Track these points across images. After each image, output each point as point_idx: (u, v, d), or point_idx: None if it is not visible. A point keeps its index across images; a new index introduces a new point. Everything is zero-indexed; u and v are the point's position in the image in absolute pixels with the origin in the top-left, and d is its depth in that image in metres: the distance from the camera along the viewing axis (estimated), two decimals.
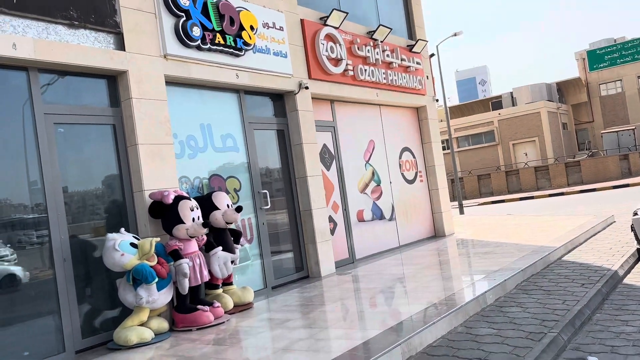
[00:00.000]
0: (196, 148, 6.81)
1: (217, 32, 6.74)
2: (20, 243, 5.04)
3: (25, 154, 5.11)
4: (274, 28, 7.77)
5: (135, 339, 5.04)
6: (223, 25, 6.78)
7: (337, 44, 8.89)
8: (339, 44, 8.93)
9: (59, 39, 5.32)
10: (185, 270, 5.42)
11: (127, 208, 5.86)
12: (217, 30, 6.73)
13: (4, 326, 4.77)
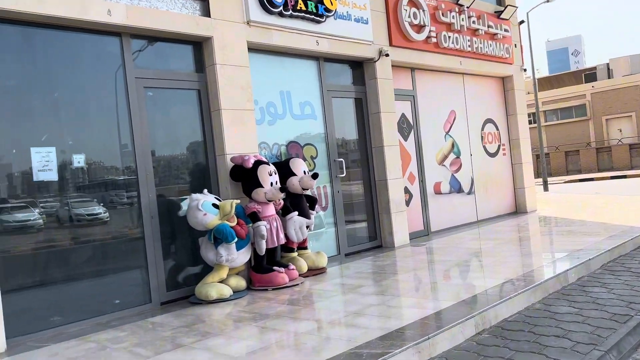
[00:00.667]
0: (275, 115, 6.92)
1: None
2: (112, 203, 5.40)
3: (117, 117, 5.43)
4: None
5: (215, 295, 5.31)
6: None
7: (420, 10, 8.63)
8: (422, 10, 8.67)
9: (149, 5, 5.55)
10: (263, 232, 5.59)
11: (210, 171, 6.10)
12: None
13: (99, 277, 5.18)
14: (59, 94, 5.05)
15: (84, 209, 5.19)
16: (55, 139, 5.00)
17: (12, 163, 4.77)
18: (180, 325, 4.62)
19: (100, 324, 4.95)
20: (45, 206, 4.93)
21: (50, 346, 4.35)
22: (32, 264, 4.81)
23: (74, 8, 4.91)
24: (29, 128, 4.85)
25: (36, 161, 4.86)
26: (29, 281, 4.77)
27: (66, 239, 5.04)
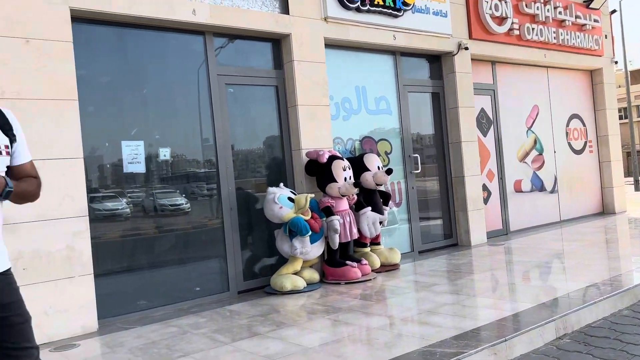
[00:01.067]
0: (350, 110, 6.95)
1: None
2: (193, 194, 5.65)
3: (200, 113, 5.66)
4: None
5: (289, 286, 5.43)
6: None
7: (502, 2, 8.33)
8: (504, 2, 8.36)
9: (231, 4, 5.73)
10: (336, 226, 5.65)
11: (286, 165, 6.23)
12: None
13: (181, 264, 5.45)
14: (147, 91, 5.35)
15: (167, 200, 5.47)
16: (144, 133, 5.30)
17: (105, 155, 5.11)
18: (256, 314, 4.77)
19: (181, 309, 5.21)
20: (132, 196, 5.25)
21: (137, 328, 4.63)
22: (120, 250, 5.14)
23: (162, 8, 5.17)
24: (120, 123, 5.18)
25: (126, 154, 5.18)
26: (117, 266, 5.10)
27: (151, 227, 5.34)
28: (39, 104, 4.45)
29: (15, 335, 1.98)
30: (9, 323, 1.97)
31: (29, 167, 2.18)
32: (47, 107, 4.49)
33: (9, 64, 4.33)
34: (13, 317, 1.98)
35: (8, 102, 4.26)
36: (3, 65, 4.31)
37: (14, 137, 2.08)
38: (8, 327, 1.97)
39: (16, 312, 2.00)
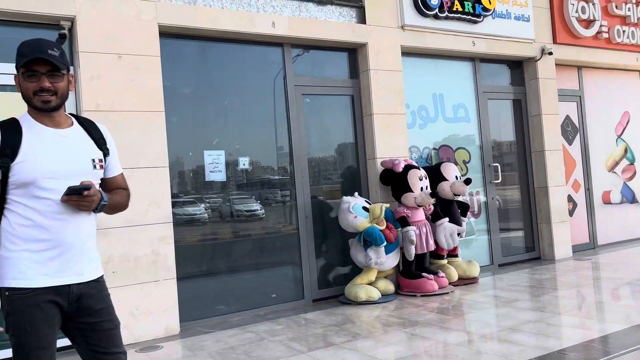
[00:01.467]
0: (427, 118, 6.83)
1: None
2: (267, 200, 5.76)
3: (275, 122, 5.77)
4: None
5: (363, 296, 5.40)
6: None
7: (589, 4, 7.91)
8: (592, 3, 7.93)
9: (309, 16, 5.82)
10: (412, 237, 5.56)
11: (361, 174, 6.22)
12: None
13: (257, 270, 5.56)
14: (228, 102, 5.53)
15: (243, 206, 5.61)
16: (225, 143, 5.47)
17: (188, 164, 5.33)
18: (330, 324, 4.78)
19: (258, 315, 5.32)
20: (210, 202, 5.43)
21: (216, 333, 4.77)
22: (199, 255, 5.32)
23: (243, 22, 5.33)
24: (203, 133, 5.38)
25: (208, 163, 5.37)
26: (197, 270, 5.28)
27: (227, 232, 5.50)
28: (130, 115, 4.71)
29: (106, 340, 2.09)
30: (100, 328, 2.08)
31: (120, 179, 2.30)
32: (137, 118, 4.75)
33: (103, 78, 4.62)
34: (104, 323, 2.09)
35: (101, 114, 4.55)
36: (98, 79, 4.60)
37: (107, 151, 2.21)
38: (99, 332, 2.08)
39: (107, 318, 2.11)
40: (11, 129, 1.96)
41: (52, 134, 2.04)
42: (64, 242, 1.99)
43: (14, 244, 1.94)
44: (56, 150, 2.01)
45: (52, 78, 2.00)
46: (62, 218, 1.98)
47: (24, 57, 1.95)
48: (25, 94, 2.00)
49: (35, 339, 1.91)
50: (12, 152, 1.91)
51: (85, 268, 2.07)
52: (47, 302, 1.95)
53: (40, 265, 1.95)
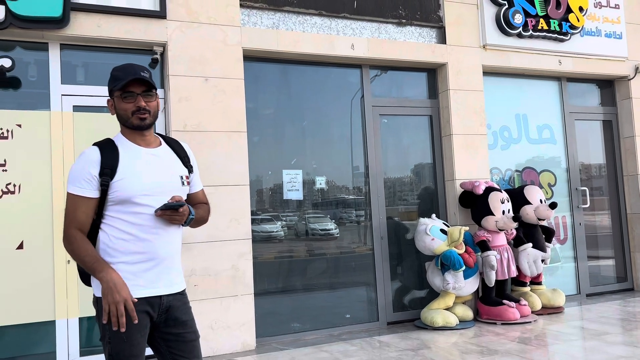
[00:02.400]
0: (509, 139, 6.61)
1: (541, 17, 6.37)
2: (341, 219, 5.77)
3: (351, 142, 5.80)
4: (607, 7, 6.93)
5: (440, 322, 5.25)
6: (548, 9, 6.38)
7: None
8: None
9: (388, 37, 5.84)
10: (493, 262, 5.36)
11: (438, 195, 6.10)
12: (541, 15, 6.37)
13: (331, 289, 5.57)
14: (307, 122, 5.63)
15: (318, 224, 5.66)
16: (302, 162, 5.57)
17: (267, 182, 5.46)
18: (406, 348, 4.68)
19: (332, 335, 5.31)
20: (286, 220, 5.52)
21: (290, 350, 4.81)
22: (275, 272, 5.41)
23: (323, 45, 5.44)
24: (282, 152, 5.51)
25: (286, 182, 5.48)
26: (272, 287, 5.37)
27: (302, 250, 5.55)
28: (214, 135, 4.91)
29: (188, 351, 2.17)
30: (184, 339, 2.17)
31: (201, 194, 2.41)
32: (221, 138, 4.94)
33: (190, 100, 4.86)
34: (187, 334, 2.18)
35: (188, 134, 4.78)
36: (186, 101, 4.85)
37: (192, 168, 2.33)
38: (182, 343, 2.17)
39: (190, 330, 2.20)
40: (109, 149, 2.11)
41: (145, 152, 2.17)
42: (157, 255, 2.10)
43: (111, 257, 2.07)
44: (150, 168, 2.14)
45: (146, 98, 2.15)
46: (156, 232, 2.10)
47: (121, 81, 2.10)
48: (124, 114, 2.14)
49: (129, 347, 2.02)
50: (111, 171, 2.05)
51: (174, 280, 2.18)
52: (141, 312, 2.06)
53: (136, 277, 2.07)
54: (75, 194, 2.05)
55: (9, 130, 4.43)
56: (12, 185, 4.40)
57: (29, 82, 4.60)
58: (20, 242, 4.38)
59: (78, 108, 4.67)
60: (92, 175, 2.04)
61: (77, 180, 2.05)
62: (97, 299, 2.08)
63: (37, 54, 4.62)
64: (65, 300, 4.46)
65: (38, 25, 4.38)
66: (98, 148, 2.10)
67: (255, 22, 5.30)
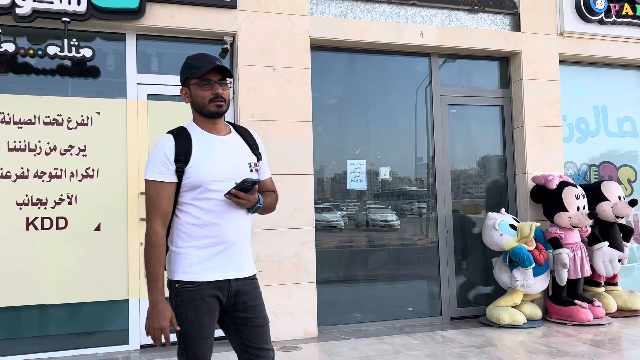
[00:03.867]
0: (586, 132, 6.28)
1: (625, 1, 5.97)
2: (402, 211, 5.68)
3: (415, 132, 5.69)
4: None
5: (507, 319, 5.09)
6: None
7: None
8: None
9: (459, 25, 5.67)
10: (565, 260, 5.12)
11: (508, 189, 5.89)
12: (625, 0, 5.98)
13: (393, 281, 5.52)
14: (372, 112, 5.58)
15: (378, 215, 5.60)
16: (367, 152, 5.53)
17: (330, 171, 5.47)
18: (470, 345, 4.57)
19: (393, 327, 5.26)
20: (347, 210, 5.50)
21: (352, 340, 4.81)
22: (336, 261, 5.41)
23: (392, 33, 5.35)
24: (346, 142, 5.48)
25: (350, 172, 5.46)
26: (333, 276, 5.38)
27: (363, 241, 5.53)
28: (281, 125, 4.96)
29: (257, 336, 2.20)
30: (252, 324, 2.20)
31: (269, 182, 2.43)
32: (287, 127, 4.98)
33: (258, 89, 4.92)
34: (256, 319, 2.21)
35: (256, 123, 4.84)
36: (254, 90, 4.91)
37: (260, 156, 2.35)
38: (251, 328, 2.20)
39: (259, 315, 2.23)
40: (183, 137, 2.16)
41: (216, 140, 2.21)
42: (227, 239, 2.14)
43: (184, 241, 2.13)
44: (221, 156, 2.18)
45: (222, 86, 2.19)
46: (225, 217, 2.14)
47: (199, 69, 2.14)
48: (201, 102, 2.18)
49: (198, 329, 2.08)
50: (185, 158, 2.10)
51: (243, 264, 2.22)
52: (210, 296, 2.11)
53: (206, 260, 2.12)
54: (157, 180, 2.10)
55: (89, 117, 4.66)
56: (91, 170, 4.63)
57: (107, 71, 4.82)
58: (98, 224, 4.62)
59: (152, 97, 4.84)
60: (170, 160, 2.10)
61: (156, 167, 2.10)
62: (170, 282, 2.14)
63: (115, 44, 4.82)
64: (138, 280, 4.67)
65: (116, 17, 4.56)
66: (172, 136, 2.16)
67: (323, 10, 5.28)
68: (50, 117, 4.57)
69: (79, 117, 4.64)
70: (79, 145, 4.62)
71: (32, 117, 4.52)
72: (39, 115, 4.54)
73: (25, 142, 4.49)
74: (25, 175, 4.48)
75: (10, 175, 4.45)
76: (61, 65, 4.65)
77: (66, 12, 4.41)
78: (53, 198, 4.53)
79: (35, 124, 4.53)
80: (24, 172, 4.48)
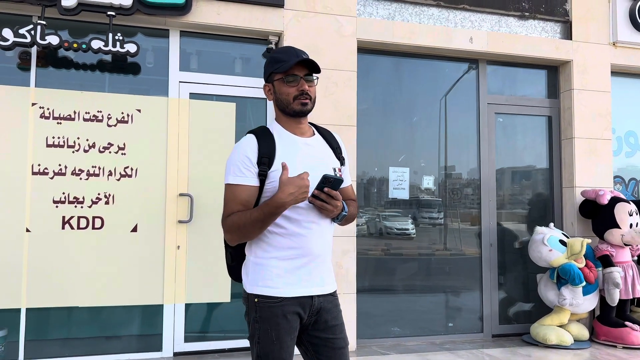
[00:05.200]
0: (635, 145, 6.04)
1: None
2: (439, 220, 5.46)
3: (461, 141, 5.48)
4: None
5: (554, 339, 4.85)
6: None
7: None
8: None
9: (508, 31, 5.47)
10: (617, 279, 4.89)
11: (554, 203, 5.66)
12: None
13: (433, 294, 5.31)
14: (417, 118, 5.38)
15: (427, 216, 5.39)
16: (410, 160, 5.33)
17: (372, 178, 5.27)
18: None
19: (434, 343, 5.05)
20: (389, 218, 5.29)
21: (393, 356, 4.60)
22: (372, 269, 5.20)
23: (440, 37, 5.16)
24: (390, 149, 5.29)
25: (392, 179, 5.26)
26: (372, 287, 5.16)
27: (401, 251, 5.32)
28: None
29: (335, 358, 2.00)
30: (332, 345, 2.01)
31: (350, 190, 2.24)
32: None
33: None
34: (337, 340, 2.02)
35: None
36: None
37: (343, 160, 2.17)
38: (330, 349, 2.00)
39: (340, 336, 2.03)
40: (266, 138, 1.98)
41: (300, 142, 2.04)
42: (310, 251, 1.96)
43: (264, 251, 1.95)
44: (305, 159, 2.00)
45: (308, 82, 2.02)
46: (310, 227, 1.95)
47: (284, 63, 1.97)
48: (285, 99, 2.01)
49: (279, 350, 1.89)
50: (269, 160, 1.93)
51: (326, 279, 2.03)
52: (292, 313, 1.93)
53: (288, 274, 1.93)
54: (237, 184, 1.93)
55: (129, 114, 4.51)
56: (130, 169, 4.48)
57: (148, 68, 4.67)
58: (135, 225, 4.46)
59: (194, 95, 4.69)
60: (252, 162, 1.92)
61: (238, 169, 1.93)
62: (248, 295, 1.96)
63: (158, 40, 4.67)
64: (173, 285, 4.50)
65: (162, 12, 4.43)
66: (254, 136, 1.98)
67: (371, 12, 5.11)
68: (90, 114, 4.43)
69: (119, 114, 4.49)
70: (118, 144, 4.47)
71: (72, 112, 4.39)
72: (78, 111, 4.40)
73: (64, 138, 4.36)
74: (62, 172, 4.34)
75: (48, 172, 4.31)
76: (102, 61, 4.52)
77: (112, 6, 4.28)
78: (90, 197, 4.38)
79: (75, 120, 4.39)
80: (62, 169, 4.33)
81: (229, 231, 1.92)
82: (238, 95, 4.77)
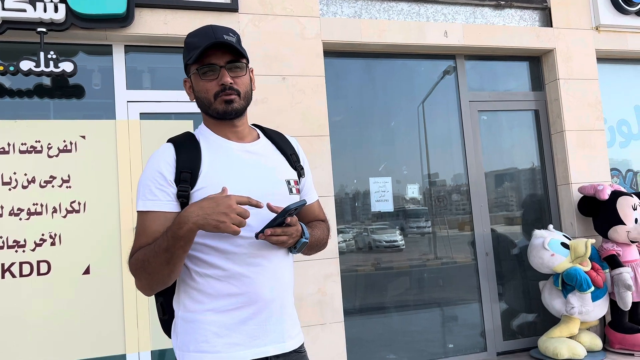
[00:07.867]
0: (629, 135, 5.67)
1: None
2: (425, 230, 5.02)
3: (444, 143, 5.06)
4: None
5: (566, 353, 4.39)
6: None
7: None
8: None
9: (484, 22, 5.10)
10: (628, 281, 4.45)
11: (550, 202, 5.24)
12: None
13: (428, 311, 4.83)
14: (395, 123, 4.95)
15: (415, 226, 4.95)
16: (391, 169, 4.88)
17: (352, 191, 4.81)
18: None
19: None
20: (370, 232, 4.83)
21: None
22: (359, 288, 4.72)
23: (412, 33, 4.76)
24: (368, 158, 4.84)
25: (374, 191, 4.80)
26: (357, 309, 4.67)
27: (396, 264, 4.84)
28: None
29: None
30: None
31: (316, 207, 1.79)
32: (301, 144, 4.31)
33: (267, 101, 4.30)
34: None
35: None
36: (262, 103, 4.28)
37: (302, 171, 1.70)
38: None
39: None
40: (187, 147, 1.50)
41: (237, 149, 1.56)
42: (259, 297, 1.47)
43: (196, 302, 1.46)
44: (244, 172, 1.52)
45: (232, 72, 1.53)
46: (257, 263, 1.47)
47: (196, 49, 1.49)
48: (204, 97, 1.54)
49: None
50: (191, 176, 1.45)
51: (287, 332, 1.55)
52: None
53: (231, 331, 1.44)
54: (147, 210, 1.44)
55: (72, 142, 4.00)
56: (77, 203, 3.96)
57: (92, 89, 4.18)
58: (87, 267, 3.93)
59: (145, 115, 4.20)
60: (167, 180, 1.44)
61: (148, 191, 1.44)
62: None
63: (100, 58, 4.19)
64: (136, 331, 3.96)
65: (101, 25, 3.94)
66: (173, 145, 1.50)
67: (335, 11, 4.70)
68: (27, 144, 3.91)
69: (60, 142, 3.98)
70: (61, 176, 3.95)
71: (6, 145, 3.87)
72: (13, 143, 3.88)
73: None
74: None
75: None
76: (39, 85, 4.01)
77: (42, 22, 3.78)
78: (33, 239, 3.84)
79: (10, 153, 3.87)
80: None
81: (135, 273, 1.43)
82: (195, 111, 4.27)
